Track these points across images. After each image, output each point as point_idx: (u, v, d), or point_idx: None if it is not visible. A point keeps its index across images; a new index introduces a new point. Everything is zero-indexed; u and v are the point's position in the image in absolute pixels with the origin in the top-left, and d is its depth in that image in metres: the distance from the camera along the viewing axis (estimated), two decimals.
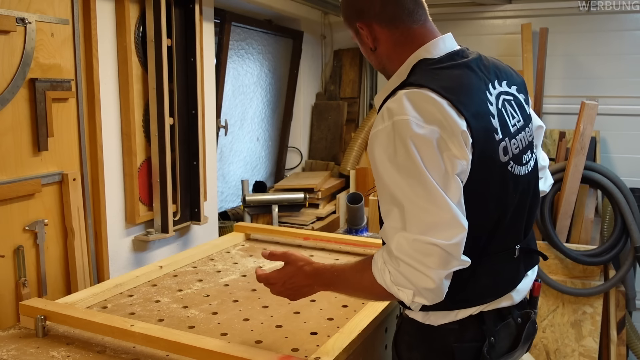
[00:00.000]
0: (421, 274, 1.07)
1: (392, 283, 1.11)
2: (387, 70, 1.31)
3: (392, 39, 1.25)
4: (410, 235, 1.07)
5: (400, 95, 1.13)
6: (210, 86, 2.69)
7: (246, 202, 3.18)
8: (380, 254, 1.15)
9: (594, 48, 3.75)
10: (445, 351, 1.24)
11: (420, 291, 1.09)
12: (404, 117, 1.09)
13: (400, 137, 1.09)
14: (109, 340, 1.35)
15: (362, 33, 1.27)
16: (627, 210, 3.02)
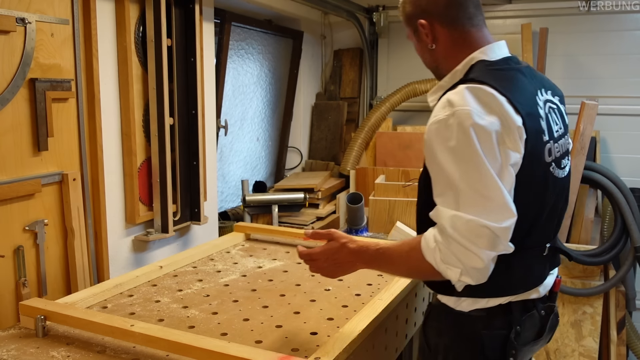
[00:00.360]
0: (471, 254, 1.14)
1: (442, 261, 1.18)
2: (440, 68, 1.39)
3: (451, 39, 1.34)
4: (465, 216, 1.14)
5: (462, 88, 1.21)
6: (210, 86, 2.69)
7: (246, 202, 3.18)
8: (432, 234, 1.21)
9: (594, 48, 3.75)
10: (473, 338, 1.31)
11: (468, 270, 1.16)
12: (466, 107, 1.17)
13: (462, 126, 1.16)
14: (109, 340, 1.35)
15: (421, 31, 1.35)
16: (627, 210, 3.02)
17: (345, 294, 1.67)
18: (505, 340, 1.31)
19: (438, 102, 1.25)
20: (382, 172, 3.60)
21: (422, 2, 1.34)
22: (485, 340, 1.30)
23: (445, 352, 1.35)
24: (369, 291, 1.69)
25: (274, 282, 1.78)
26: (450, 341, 1.34)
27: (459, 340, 1.33)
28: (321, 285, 1.75)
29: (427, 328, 1.40)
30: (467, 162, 1.16)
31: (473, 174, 1.16)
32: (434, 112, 1.23)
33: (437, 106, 1.23)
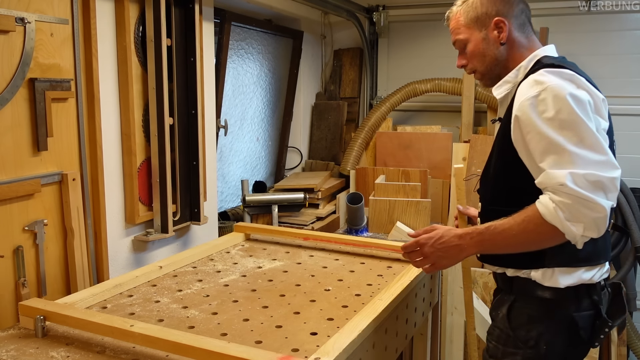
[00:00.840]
0: (594, 204, 1.24)
1: (565, 219, 1.26)
2: (499, 66, 1.54)
3: (517, 40, 1.53)
4: (580, 171, 1.25)
5: (544, 71, 1.37)
6: (210, 86, 2.68)
7: (246, 202, 3.18)
8: (547, 197, 1.29)
9: (594, 48, 3.75)
10: (567, 321, 1.43)
11: (591, 222, 1.26)
12: (558, 81, 1.33)
13: (558, 96, 1.30)
14: (109, 340, 1.35)
15: (493, 28, 1.51)
16: (628, 210, 3.01)
17: (345, 294, 1.67)
18: (593, 321, 1.44)
19: (522, 85, 1.39)
20: (382, 172, 3.60)
21: (498, 5, 1.52)
22: (579, 321, 1.42)
23: (537, 338, 1.42)
24: (369, 291, 1.69)
25: (274, 282, 1.77)
26: (544, 328, 1.43)
27: (552, 326, 1.43)
28: (321, 285, 1.74)
29: (514, 317, 1.47)
30: (569, 125, 1.28)
31: (577, 135, 1.28)
32: (522, 92, 1.36)
33: (524, 88, 1.37)
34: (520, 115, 1.35)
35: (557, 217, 1.27)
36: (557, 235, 1.29)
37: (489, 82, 1.58)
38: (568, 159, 1.27)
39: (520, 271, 1.46)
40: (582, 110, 1.30)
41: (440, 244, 1.42)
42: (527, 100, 1.34)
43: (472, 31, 1.55)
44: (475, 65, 1.57)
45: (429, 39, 4.14)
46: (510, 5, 1.53)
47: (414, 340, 2.06)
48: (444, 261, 1.43)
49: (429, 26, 4.14)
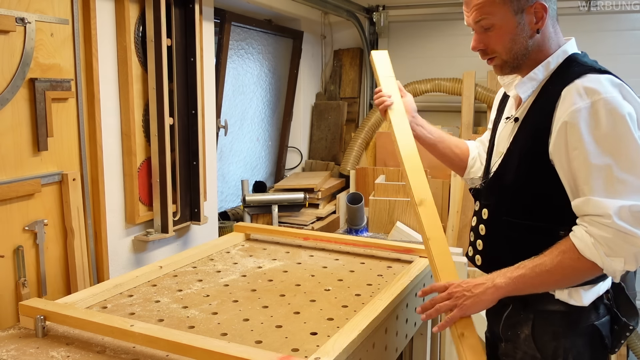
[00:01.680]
0: (636, 239, 1.16)
1: (606, 255, 1.19)
2: (526, 57, 1.36)
3: (550, 30, 1.36)
4: (627, 202, 1.16)
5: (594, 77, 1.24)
6: (210, 86, 2.69)
7: (246, 202, 3.18)
8: (584, 230, 1.21)
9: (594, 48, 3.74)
10: (590, 331, 1.35)
11: (631, 257, 1.18)
12: (611, 95, 1.20)
13: (615, 112, 1.18)
14: (109, 340, 1.35)
15: (531, 13, 1.31)
16: None
17: (345, 294, 1.67)
18: (612, 325, 1.38)
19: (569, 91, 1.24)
20: (382, 172, 3.60)
21: None
22: (602, 329, 1.36)
23: (565, 355, 1.35)
24: (369, 291, 1.69)
25: (274, 282, 1.77)
26: (569, 342, 1.35)
27: (579, 338, 1.35)
28: (321, 285, 1.74)
29: (539, 336, 1.37)
30: (622, 147, 1.18)
31: (629, 159, 1.18)
32: (571, 100, 1.22)
33: (572, 94, 1.23)
34: (567, 127, 1.22)
35: (596, 253, 1.20)
36: (596, 270, 1.22)
37: (508, 70, 1.40)
38: (615, 186, 1.18)
39: None
40: (635, 128, 1.19)
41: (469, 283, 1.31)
42: (578, 113, 1.21)
43: (506, 12, 1.31)
44: (499, 51, 1.36)
45: (429, 39, 4.14)
46: None
47: (414, 340, 2.06)
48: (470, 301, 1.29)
49: (429, 26, 4.14)
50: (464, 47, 4.10)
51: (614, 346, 1.40)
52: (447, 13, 4.07)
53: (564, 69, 1.32)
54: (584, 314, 1.35)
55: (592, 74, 1.25)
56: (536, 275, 1.26)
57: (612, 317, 1.39)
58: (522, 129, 1.36)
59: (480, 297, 1.29)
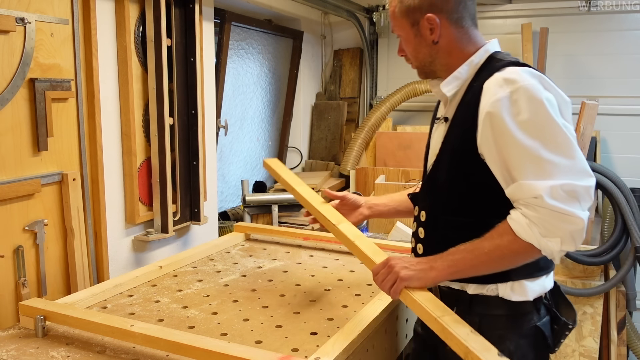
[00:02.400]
0: (571, 217, 1.18)
1: (542, 235, 1.20)
2: (435, 64, 1.40)
3: (456, 36, 1.37)
4: (558, 182, 1.18)
5: (512, 69, 1.26)
6: (210, 86, 2.69)
7: (246, 202, 3.18)
8: (519, 213, 1.23)
9: (594, 48, 3.75)
10: (534, 332, 1.37)
11: (568, 236, 1.19)
12: (532, 81, 1.23)
13: (533, 98, 1.21)
14: (109, 340, 1.35)
15: (425, 25, 1.36)
16: (628, 210, 3.01)
17: (345, 294, 1.67)
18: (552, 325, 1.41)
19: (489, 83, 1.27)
20: (382, 172, 3.60)
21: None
22: (544, 329, 1.38)
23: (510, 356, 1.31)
24: (369, 291, 1.69)
25: (274, 282, 1.78)
26: (514, 344, 1.36)
27: (523, 339, 1.37)
28: (321, 285, 1.74)
29: None
30: (545, 130, 1.20)
31: (553, 141, 1.20)
32: (492, 92, 1.25)
33: (492, 86, 1.26)
34: (491, 118, 1.25)
35: (531, 234, 1.21)
36: (533, 251, 1.23)
37: (423, 75, 1.46)
38: (544, 168, 1.20)
39: (485, 287, 1.36)
40: (555, 113, 1.22)
41: (409, 260, 1.35)
42: (499, 102, 1.23)
43: (404, 24, 1.39)
44: (410, 59, 1.45)
45: None
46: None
47: None
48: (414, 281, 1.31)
49: None
50: None
51: (554, 345, 1.42)
52: None
53: (486, 66, 1.35)
54: (527, 315, 1.37)
55: (511, 67, 1.28)
56: (475, 257, 1.28)
57: (552, 317, 1.42)
58: (451, 127, 1.38)
59: (420, 274, 1.31)
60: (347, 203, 1.73)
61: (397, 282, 1.31)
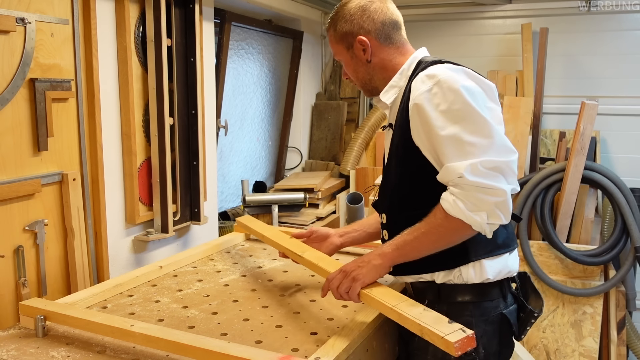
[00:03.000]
0: (492, 189, 1.25)
1: (468, 210, 1.27)
2: (374, 80, 1.53)
3: (387, 52, 1.50)
4: (477, 159, 1.26)
5: (434, 67, 1.37)
6: (210, 86, 2.69)
7: (246, 202, 3.18)
8: (448, 192, 1.31)
9: (594, 48, 3.75)
10: (499, 319, 1.44)
11: (493, 209, 1.27)
12: (450, 73, 1.33)
13: (451, 88, 1.30)
14: (109, 340, 1.35)
15: (358, 47, 1.49)
16: (627, 210, 3.02)
17: None
18: (519, 313, 1.48)
19: (414, 83, 1.37)
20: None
21: (360, 21, 1.48)
22: (510, 317, 1.45)
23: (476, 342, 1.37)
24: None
25: (274, 282, 1.78)
26: (481, 330, 1.40)
27: (489, 326, 1.42)
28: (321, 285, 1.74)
29: None
30: (464, 115, 1.29)
31: (472, 124, 1.28)
32: (415, 88, 1.36)
33: (416, 84, 1.36)
34: (417, 110, 1.35)
35: (459, 209, 1.28)
36: (465, 227, 1.30)
37: (368, 94, 1.58)
38: (464, 149, 1.28)
39: (451, 274, 1.41)
40: (474, 99, 1.30)
41: (361, 258, 1.42)
42: (422, 95, 1.33)
43: (341, 49, 1.54)
44: (353, 80, 1.58)
45: (429, 39, 4.14)
46: (372, 20, 1.48)
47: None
48: (364, 270, 1.38)
49: (429, 26, 4.14)
50: (464, 47, 4.10)
51: (520, 332, 1.49)
52: (447, 13, 4.07)
53: (415, 70, 1.45)
54: (493, 302, 1.43)
55: (433, 65, 1.39)
56: (415, 238, 1.36)
57: (519, 305, 1.49)
58: (395, 132, 1.47)
59: (372, 263, 1.39)
60: (317, 236, 1.77)
61: (353, 285, 1.38)
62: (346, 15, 1.50)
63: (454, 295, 1.43)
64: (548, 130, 3.78)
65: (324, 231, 1.78)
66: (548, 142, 3.74)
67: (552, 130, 3.76)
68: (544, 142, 3.73)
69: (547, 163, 3.58)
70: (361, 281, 1.37)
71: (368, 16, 1.48)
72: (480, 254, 1.40)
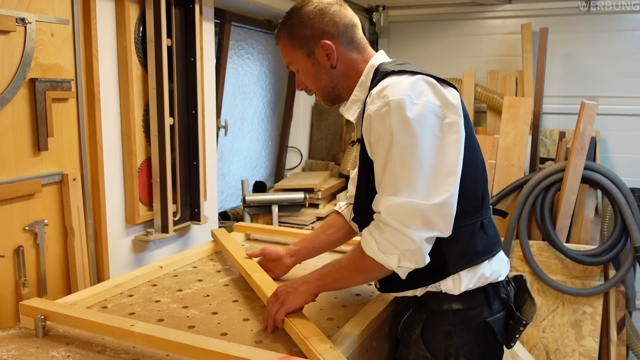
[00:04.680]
0: (403, 236, 1.20)
1: (380, 251, 1.24)
2: (337, 87, 1.43)
3: (350, 57, 1.41)
4: (398, 199, 1.20)
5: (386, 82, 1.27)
6: (210, 86, 2.69)
7: (246, 202, 3.18)
8: (366, 229, 1.28)
9: (594, 48, 3.75)
10: (482, 328, 1.37)
11: (404, 254, 1.21)
12: (402, 94, 1.22)
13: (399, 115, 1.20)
14: (109, 340, 1.35)
15: (321, 52, 1.38)
16: (627, 210, 3.02)
17: (345, 294, 1.67)
18: (507, 320, 1.41)
19: (368, 98, 1.29)
20: None
21: (321, 25, 1.37)
22: (495, 326, 1.38)
23: (456, 353, 1.36)
24: (369, 291, 1.69)
25: None
26: (462, 340, 1.36)
27: (471, 335, 1.37)
28: None
29: (429, 335, 1.39)
30: (405, 147, 1.20)
31: (410, 160, 1.20)
32: (367, 108, 1.27)
33: (368, 103, 1.28)
34: (369, 125, 1.27)
35: (370, 248, 1.25)
36: (378, 267, 1.25)
37: (330, 102, 1.47)
38: (395, 184, 1.21)
39: (429, 286, 1.37)
40: (421, 131, 1.20)
41: (291, 281, 1.41)
42: (371, 114, 1.25)
43: (299, 57, 1.41)
44: (313, 89, 1.46)
45: (429, 39, 4.15)
46: (334, 23, 1.38)
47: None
48: (291, 296, 1.37)
49: (429, 26, 4.14)
50: (463, 47, 4.10)
51: (509, 340, 1.42)
52: (447, 13, 4.07)
53: (372, 81, 1.36)
54: (477, 310, 1.37)
55: (388, 77, 1.28)
56: (336, 270, 1.36)
57: (508, 312, 1.41)
58: (361, 147, 1.38)
59: (299, 290, 1.37)
60: (270, 257, 1.76)
61: (280, 309, 1.37)
62: (304, 20, 1.38)
63: (434, 304, 1.38)
64: (548, 130, 3.78)
65: (275, 253, 1.75)
66: (548, 142, 3.74)
67: (552, 130, 3.76)
68: (543, 142, 3.74)
69: (547, 163, 3.59)
70: (287, 306, 1.36)
71: (330, 19, 1.37)
72: (459, 266, 1.33)
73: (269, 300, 1.42)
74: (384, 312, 1.51)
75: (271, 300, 1.41)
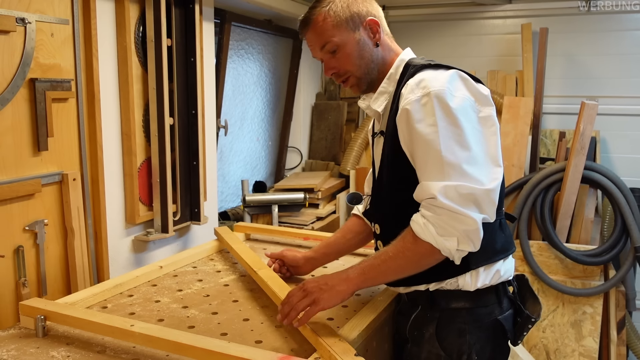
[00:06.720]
0: (463, 217, 1.21)
1: (438, 235, 1.23)
2: (375, 69, 1.44)
3: (386, 42, 1.46)
4: (453, 182, 1.21)
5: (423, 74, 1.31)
6: (210, 86, 2.69)
7: (246, 202, 3.18)
8: (419, 214, 1.27)
9: (594, 48, 3.75)
10: (494, 326, 1.40)
11: (464, 236, 1.22)
12: (441, 84, 1.26)
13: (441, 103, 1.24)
14: (109, 340, 1.35)
15: (367, 29, 1.41)
16: (627, 210, 3.02)
17: None
18: (515, 318, 1.43)
19: (404, 90, 1.31)
20: None
21: (367, 5, 1.42)
22: (505, 323, 1.40)
23: (469, 351, 1.37)
24: (369, 291, 1.69)
25: None
26: (475, 337, 1.38)
27: (483, 333, 1.39)
28: None
29: (443, 334, 1.39)
30: (449, 135, 1.23)
31: (456, 145, 1.23)
32: (405, 97, 1.30)
33: (406, 92, 1.30)
34: (405, 117, 1.29)
35: (428, 233, 1.23)
36: (434, 252, 1.25)
37: (365, 86, 1.46)
38: (443, 169, 1.23)
39: (444, 282, 1.37)
40: (465, 117, 1.25)
41: (324, 279, 1.34)
42: (411, 104, 1.27)
43: (344, 33, 1.40)
44: (351, 70, 1.42)
45: (429, 39, 4.15)
46: (372, 5, 1.44)
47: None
48: (326, 294, 1.30)
49: (430, 26, 4.14)
50: (464, 48, 4.10)
51: (516, 338, 1.44)
52: (448, 13, 4.07)
53: (404, 75, 1.39)
54: (488, 308, 1.39)
55: (424, 70, 1.32)
56: (382, 262, 1.31)
57: (516, 310, 1.44)
58: (386, 140, 1.40)
59: (336, 289, 1.31)
60: (288, 264, 1.75)
61: (312, 307, 1.30)
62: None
63: (447, 301, 1.38)
64: (548, 130, 3.78)
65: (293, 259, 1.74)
66: (548, 142, 3.74)
67: (552, 130, 3.76)
68: (543, 142, 3.73)
69: (547, 163, 3.58)
70: (321, 306, 1.30)
71: (369, 2, 1.44)
72: (480, 262, 1.34)
73: (293, 293, 1.34)
74: (384, 312, 1.51)
75: (298, 294, 1.33)
